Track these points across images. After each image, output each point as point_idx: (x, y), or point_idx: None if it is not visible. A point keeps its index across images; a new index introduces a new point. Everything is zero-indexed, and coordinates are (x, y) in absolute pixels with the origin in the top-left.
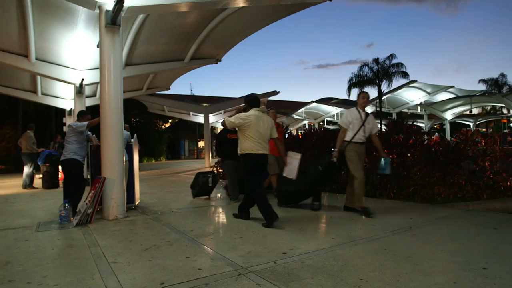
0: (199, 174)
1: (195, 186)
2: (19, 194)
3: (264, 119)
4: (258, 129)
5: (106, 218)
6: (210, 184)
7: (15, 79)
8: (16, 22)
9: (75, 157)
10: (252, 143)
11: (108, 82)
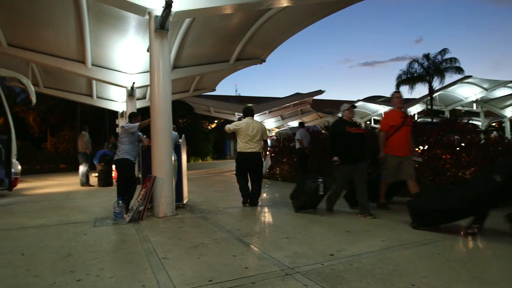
0: (306, 179)
1: (299, 196)
2: (78, 191)
3: (253, 125)
4: (248, 133)
5: (156, 215)
6: (321, 193)
7: (73, 84)
8: (74, 32)
9: (128, 156)
10: (243, 144)
11: (158, 85)
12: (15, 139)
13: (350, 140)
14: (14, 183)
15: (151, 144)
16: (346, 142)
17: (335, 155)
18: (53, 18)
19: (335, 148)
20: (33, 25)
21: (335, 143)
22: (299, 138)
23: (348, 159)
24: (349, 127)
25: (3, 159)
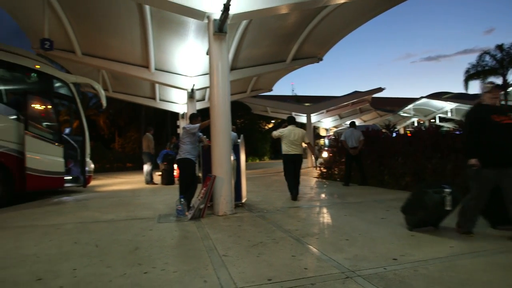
0: (425, 188)
1: (416, 210)
2: (143, 189)
3: (295, 132)
4: (290, 139)
5: (216, 213)
6: (448, 208)
7: (138, 88)
8: (139, 39)
9: (189, 156)
10: (286, 147)
11: (217, 86)
12: (89, 140)
13: (498, 133)
14: (88, 180)
15: (211, 144)
16: (492, 137)
17: (474, 156)
18: (121, 28)
19: (474, 145)
20: (103, 35)
21: (473, 138)
22: (342, 138)
23: (495, 161)
24: (496, 115)
25: (79, 159)
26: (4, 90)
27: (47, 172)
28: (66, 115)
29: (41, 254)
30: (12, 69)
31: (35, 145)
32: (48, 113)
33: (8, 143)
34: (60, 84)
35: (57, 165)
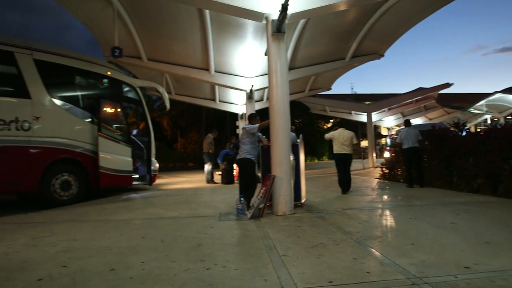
0: None
1: None
2: (204, 188)
3: (344, 134)
4: (340, 140)
5: (276, 213)
6: None
7: (199, 90)
8: (199, 43)
9: (249, 156)
10: (337, 147)
11: (276, 87)
12: (154, 141)
13: None
14: (153, 179)
15: (270, 144)
16: None
17: None
18: (182, 33)
19: None
20: (166, 41)
21: None
22: (398, 140)
23: None
24: None
25: (145, 158)
26: (80, 95)
27: (117, 170)
28: (134, 117)
29: (113, 246)
30: (87, 76)
31: (107, 145)
32: (118, 116)
33: (84, 144)
34: (128, 89)
35: (126, 164)
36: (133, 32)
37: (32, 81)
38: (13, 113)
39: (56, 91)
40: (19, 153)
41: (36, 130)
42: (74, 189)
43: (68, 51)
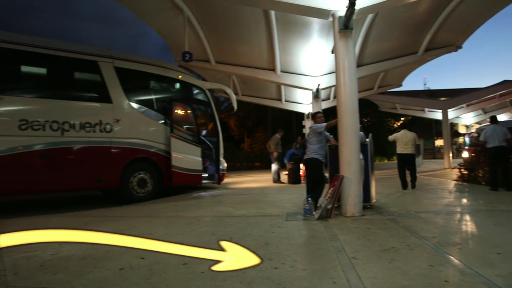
0: None
1: None
2: (270, 187)
3: (407, 135)
4: (402, 140)
5: (344, 214)
6: None
7: (265, 91)
8: (265, 44)
9: (316, 156)
10: (400, 147)
11: (344, 85)
12: (222, 141)
13: None
14: (222, 178)
15: (338, 143)
16: None
17: None
18: (248, 35)
19: None
20: (233, 44)
21: None
22: (482, 139)
23: None
24: None
25: (214, 158)
26: (154, 99)
27: (188, 169)
28: (203, 119)
29: (186, 241)
30: (160, 81)
31: (179, 145)
32: (188, 117)
33: (158, 144)
34: (198, 91)
35: (196, 164)
36: (202, 37)
37: (113, 87)
38: (97, 117)
39: (133, 95)
40: (103, 153)
41: (116, 131)
42: (149, 186)
43: (144, 58)
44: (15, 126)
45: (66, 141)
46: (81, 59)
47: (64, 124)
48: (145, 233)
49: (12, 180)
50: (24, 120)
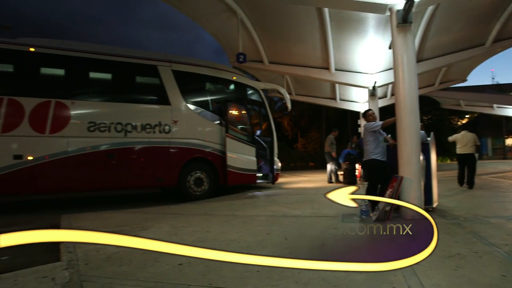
0: None
1: None
2: (326, 188)
3: (467, 136)
4: (462, 141)
5: (403, 217)
6: None
7: (319, 90)
8: (319, 42)
9: (374, 157)
10: (459, 148)
11: (403, 82)
12: (276, 141)
13: None
14: (276, 177)
15: (397, 143)
16: None
17: None
18: (302, 34)
19: None
20: (286, 43)
21: None
22: None
23: None
24: None
25: (268, 158)
26: (210, 100)
27: (243, 169)
28: (257, 119)
29: (241, 240)
30: (215, 82)
31: (234, 146)
32: (243, 117)
33: (214, 144)
34: (252, 92)
35: (251, 163)
36: (255, 38)
37: (171, 90)
38: (157, 118)
39: (190, 97)
40: (162, 153)
41: (174, 132)
42: (205, 185)
43: (199, 61)
44: (84, 128)
45: (129, 141)
46: (142, 64)
47: (127, 126)
48: (202, 230)
49: (82, 178)
50: (92, 122)
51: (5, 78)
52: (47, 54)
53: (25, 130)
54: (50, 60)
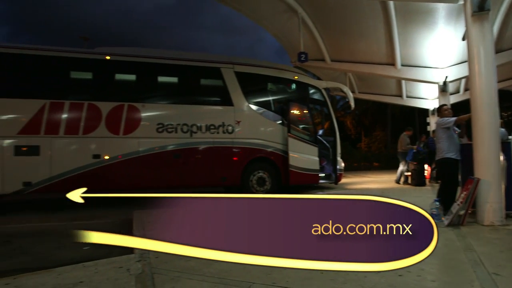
0: None
1: None
2: (391, 189)
3: None
4: None
5: (480, 223)
6: None
7: (383, 87)
8: (383, 37)
9: (448, 155)
10: None
11: (479, 75)
12: (339, 140)
13: None
14: (339, 178)
15: (472, 142)
16: None
17: None
18: (365, 30)
19: None
20: (349, 40)
21: None
22: None
23: None
24: None
25: (331, 157)
26: (271, 100)
27: (305, 169)
28: (319, 118)
29: None
30: (277, 82)
31: (296, 145)
32: (305, 117)
33: (276, 144)
34: (314, 91)
35: (313, 163)
36: (316, 36)
37: (234, 91)
38: (220, 119)
39: (252, 97)
40: (226, 153)
41: (237, 132)
42: (267, 185)
43: (260, 61)
44: (153, 129)
45: (194, 141)
46: (206, 67)
47: (192, 127)
48: None
49: (151, 176)
50: (160, 124)
51: (85, 84)
52: (121, 61)
53: (102, 131)
54: (124, 66)
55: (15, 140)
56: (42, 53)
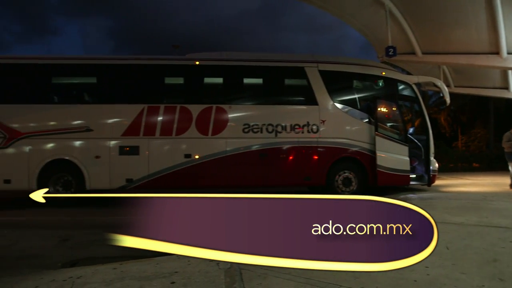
0: None
1: None
2: (496, 193)
3: None
4: None
5: None
6: None
7: (484, 79)
8: (485, 24)
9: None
10: None
11: None
12: (432, 139)
13: None
14: (432, 179)
15: None
16: None
17: None
18: (462, 17)
19: None
20: (443, 30)
21: None
22: None
23: None
24: None
25: (423, 157)
26: (357, 98)
27: (394, 169)
28: (409, 115)
29: None
30: (363, 79)
31: (384, 145)
32: (393, 114)
33: (362, 143)
34: (403, 87)
35: (403, 164)
36: (405, 28)
37: (318, 89)
38: (305, 118)
39: (337, 95)
40: (310, 153)
41: (322, 132)
42: (354, 185)
43: (345, 58)
44: (240, 130)
45: (279, 141)
46: (290, 67)
47: (277, 127)
48: None
49: (237, 175)
50: (246, 124)
51: (177, 89)
52: (209, 66)
53: (193, 132)
54: (212, 70)
55: (119, 141)
56: (141, 62)
